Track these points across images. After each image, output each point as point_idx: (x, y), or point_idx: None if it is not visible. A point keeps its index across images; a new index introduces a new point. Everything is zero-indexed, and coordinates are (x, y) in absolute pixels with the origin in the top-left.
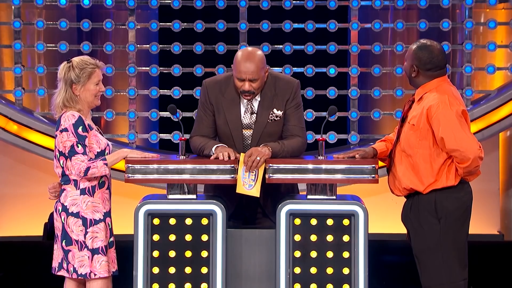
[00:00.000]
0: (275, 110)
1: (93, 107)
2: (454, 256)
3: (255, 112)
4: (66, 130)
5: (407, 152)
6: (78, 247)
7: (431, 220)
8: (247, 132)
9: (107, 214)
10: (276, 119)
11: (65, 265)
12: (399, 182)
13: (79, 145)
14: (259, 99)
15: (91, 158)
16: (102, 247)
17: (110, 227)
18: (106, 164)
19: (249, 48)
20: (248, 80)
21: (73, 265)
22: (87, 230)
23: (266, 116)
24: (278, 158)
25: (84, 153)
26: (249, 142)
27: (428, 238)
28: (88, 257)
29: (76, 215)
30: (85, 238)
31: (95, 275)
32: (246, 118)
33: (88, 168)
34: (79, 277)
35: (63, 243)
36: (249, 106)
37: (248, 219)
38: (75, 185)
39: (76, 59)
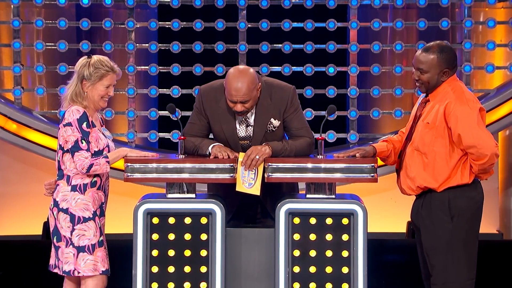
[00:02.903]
0: (272, 120)
1: (98, 108)
2: (463, 255)
3: (251, 124)
4: (70, 124)
5: (421, 150)
6: (65, 243)
7: (444, 218)
8: (245, 144)
9: (96, 213)
10: (274, 129)
11: (56, 262)
12: (412, 181)
13: (83, 141)
14: (254, 110)
15: (92, 155)
16: (89, 245)
17: (99, 226)
18: (108, 162)
19: (240, 67)
20: (240, 102)
21: (62, 262)
22: (74, 227)
23: (264, 126)
24: (278, 157)
25: (88, 149)
26: None
27: (439, 236)
28: (73, 254)
29: (65, 211)
30: (71, 235)
31: (78, 273)
32: (242, 131)
33: (91, 165)
34: (63, 274)
35: (54, 239)
36: (244, 118)
37: (251, 218)
38: (67, 181)
39: (95, 57)
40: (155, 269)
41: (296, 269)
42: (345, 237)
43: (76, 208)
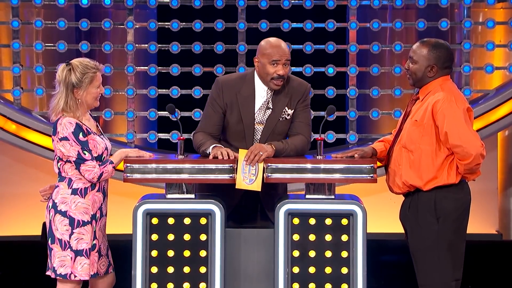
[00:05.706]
0: (286, 109)
1: (92, 108)
2: (449, 256)
3: (271, 107)
4: (66, 139)
5: (408, 148)
6: (61, 246)
7: (430, 219)
8: (259, 127)
9: (95, 216)
10: (287, 117)
11: (49, 264)
12: (399, 177)
13: (85, 152)
14: (272, 94)
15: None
16: (86, 249)
17: (95, 229)
18: (114, 167)
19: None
20: (283, 62)
21: (53, 264)
22: (73, 231)
23: (279, 113)
24: (277, 158)
25: (92, 158)
26: (259, 137)
27: (425, 237)
28: (71, 258)
29: (64, 214)
30: (69, 238)
31: (75, 276)
32: (260, 114)
33: (101, 174)
34: (57, 277)
35: (49, 241)
36: (265, 101)
37: (248, 219)
38: (68, 184)
39: (76, 62)
40: (154, 269)
41: (296, 269)
42: (344, 237)
43: (76, 211)
